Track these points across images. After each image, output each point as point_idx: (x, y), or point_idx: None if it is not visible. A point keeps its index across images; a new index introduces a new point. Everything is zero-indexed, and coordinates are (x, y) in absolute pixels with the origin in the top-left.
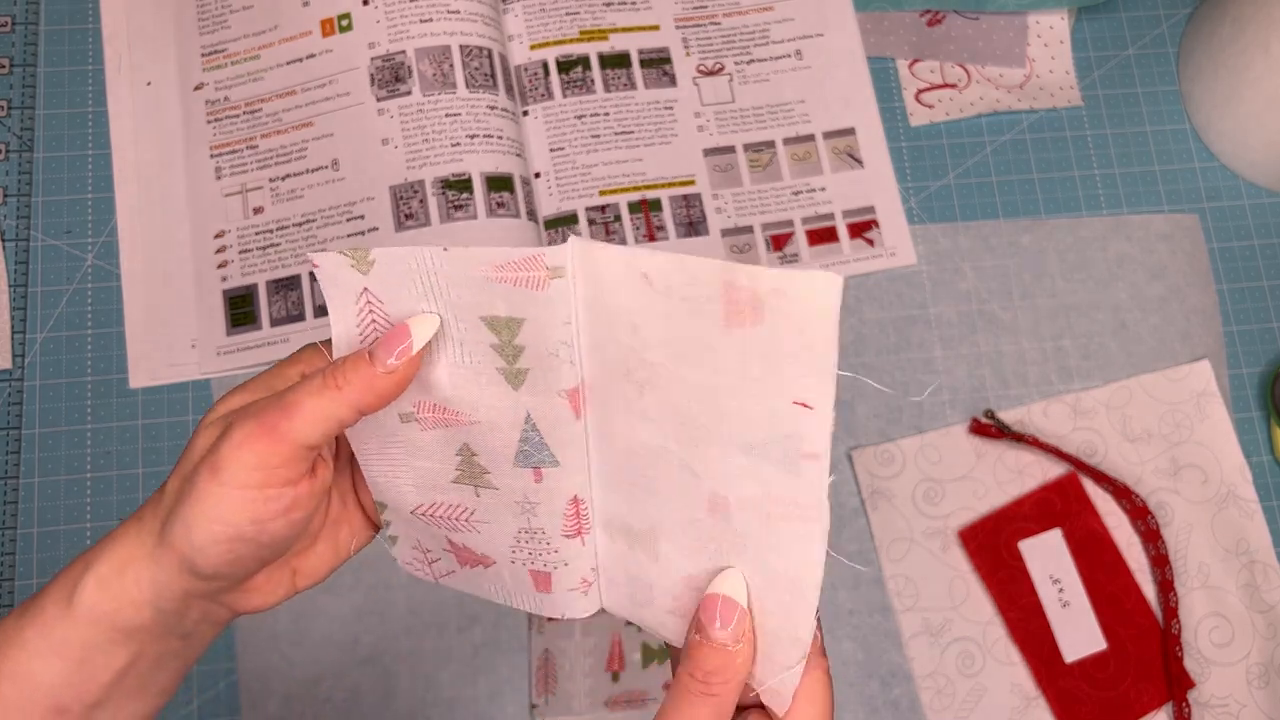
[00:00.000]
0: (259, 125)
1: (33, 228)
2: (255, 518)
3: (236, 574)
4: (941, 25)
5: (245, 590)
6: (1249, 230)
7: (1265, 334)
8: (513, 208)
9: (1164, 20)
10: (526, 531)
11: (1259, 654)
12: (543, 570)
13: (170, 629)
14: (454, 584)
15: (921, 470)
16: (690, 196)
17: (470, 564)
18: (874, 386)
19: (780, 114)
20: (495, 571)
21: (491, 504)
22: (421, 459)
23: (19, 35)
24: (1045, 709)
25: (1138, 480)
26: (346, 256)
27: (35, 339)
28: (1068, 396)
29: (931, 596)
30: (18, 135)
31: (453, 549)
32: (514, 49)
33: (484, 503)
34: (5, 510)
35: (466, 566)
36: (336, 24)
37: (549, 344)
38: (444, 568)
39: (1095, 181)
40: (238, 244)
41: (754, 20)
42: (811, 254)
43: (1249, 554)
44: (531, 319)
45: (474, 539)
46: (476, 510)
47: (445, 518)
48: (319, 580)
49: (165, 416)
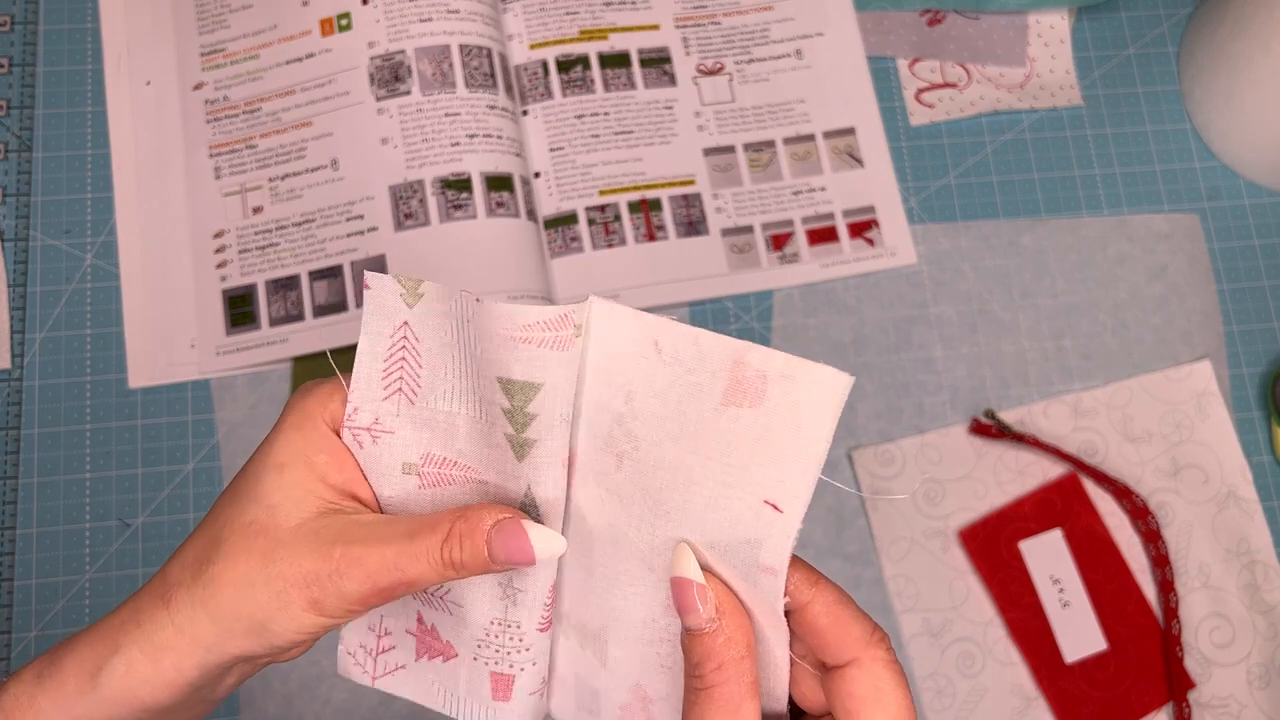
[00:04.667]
0: (258, 125)
1: (32, 227)
2: (339, 622)
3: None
4: (942, 25)
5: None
6: (1250, 230)
7: (1266, 334)
8: (512, 207)
9: (1164, 20)
10: (500, 624)
11: (1260, 654)
12: (506, 673)
13: (204, 697)
14: (392, 686)
15: (922, 470)
16: (690, 196)
17: (430, 655)
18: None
19: (780, 113)
20: (452, 669)
21: (468, 584)
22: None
23: (18, 35)
24: (1046, 709)
25: (1138, 480)
26: (399, 285)
27: (34, 339)
28: (1068, 396)
29: (932, 597)
30: (17, 135)
31: (418, 632)
32: (513, 48)
33: (461, 582)
34: (4, 510)
35: (423, 659)
36: (336, 23)
37: (562, 410)
38: (394, 660)
39: (1096, 181)
40: (237, 244)
41: (754, 20)
42: (811, 254)
43: (1250, 554)
44: (549, 384)
45: (445, 621)
46: (451, 590)
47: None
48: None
49: (164, 416)
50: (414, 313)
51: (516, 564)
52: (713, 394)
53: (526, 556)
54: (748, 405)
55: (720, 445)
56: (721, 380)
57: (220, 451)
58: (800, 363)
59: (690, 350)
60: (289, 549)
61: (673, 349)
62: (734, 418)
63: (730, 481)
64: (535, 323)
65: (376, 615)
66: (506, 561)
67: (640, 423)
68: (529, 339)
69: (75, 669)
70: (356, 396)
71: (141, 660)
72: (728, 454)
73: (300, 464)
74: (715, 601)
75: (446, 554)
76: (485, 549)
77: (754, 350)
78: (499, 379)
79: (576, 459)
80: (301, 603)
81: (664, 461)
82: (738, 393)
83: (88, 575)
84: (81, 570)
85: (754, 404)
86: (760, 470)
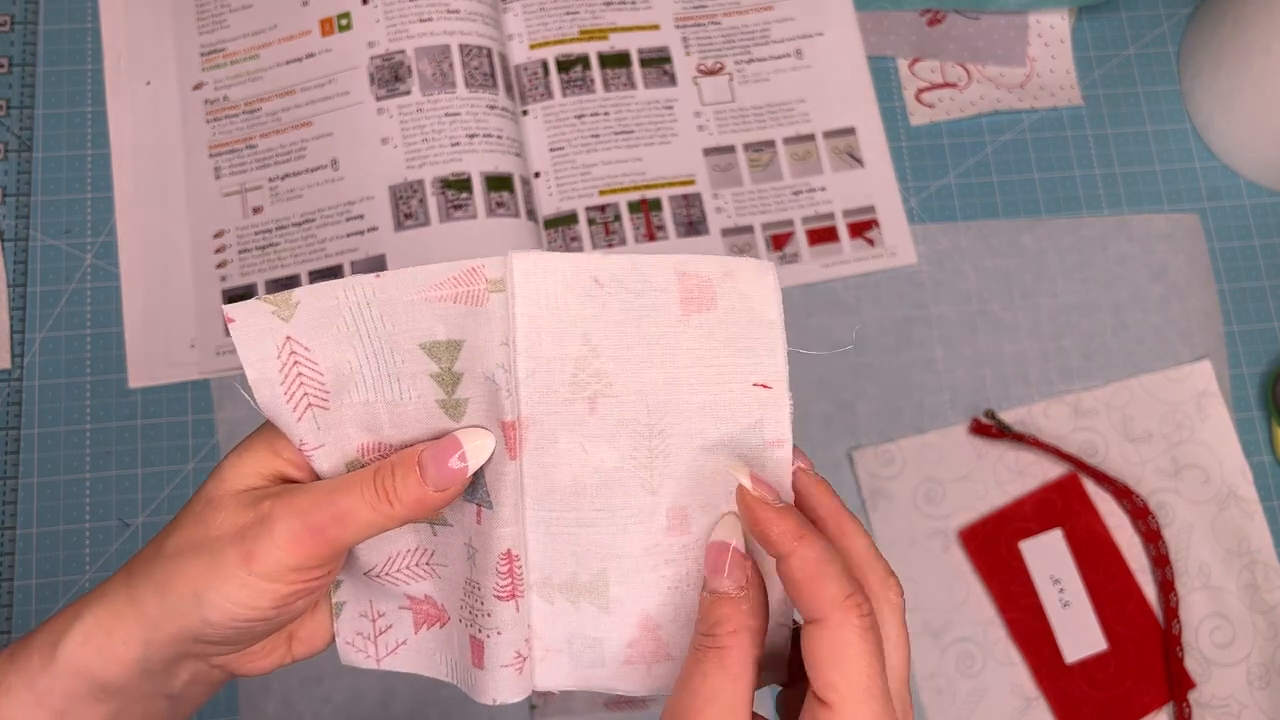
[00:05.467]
0: (258, 125)
1: (32, 227)
2: (279, 604)
3: (242, 642)
4: (942, 25)
5: (244, 655)
6: (1250, 230)
7: (1266, 334)
8: (512, 207)
9: (1165, 20)
10: (470, 583)
11: (1260, 654)
12: (477, 637)
13: (157, 688)
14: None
15: (922, 470)
16: (690, 196)
17: (429, 622)
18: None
19: (780, 113)
20: (447, 635)
21: (448, 541)
22: None
23: (18, 35)
24: (1046, 709)
25: (1138, 480)
26: (267, 303)
27: (34, 339)
28: (1068, 396)
29: (932, 597)
30: (17, 135)
31: (411, 605)
32: (513, 48)
33: (441, 541)
34: (4, 510)
35: (424, 627)
36: (336, 23)
37: (486, 367)
38: (395, 638)
39: (1096, 181)
40: (237, 244)
41: (754, 19)
42: (811, 254)
43: (1250, 554)
44: (470, 340)
45: (435, 587)
46: (435, 551)
47: (405, 569)
48: (318, 650)
49: (164, 416)
50: (294, 325)
51: (452, 479)
52: (670, 310)
53: (461, 463)
54: (705, 310)
55: (695, 352)
56: (674, 295)
57: (220, 451)
58: (730, 260)
59: (633, 276)
60: (228, 510)
61: (615, 280)
62: (698, 324)
63: (717, 381)
64: (446, 279)
65: (366, 600)
66: (440, 478)
67: (606, 359)
68: (443, 297)
69: (42, 642)
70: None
71: (96, 631)
72: (705, 358)
73: (263, 446)
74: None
75: (380, 483)
76: (417, 471)
77: (689, 259)
78: (422, 345)
79: (526, 426)
80: (234, 559)
81: (645, 386)
82: (693, 301)
83: (88, 575)
84: (81, 570)
85: (710, 307)
86: (738, 360)
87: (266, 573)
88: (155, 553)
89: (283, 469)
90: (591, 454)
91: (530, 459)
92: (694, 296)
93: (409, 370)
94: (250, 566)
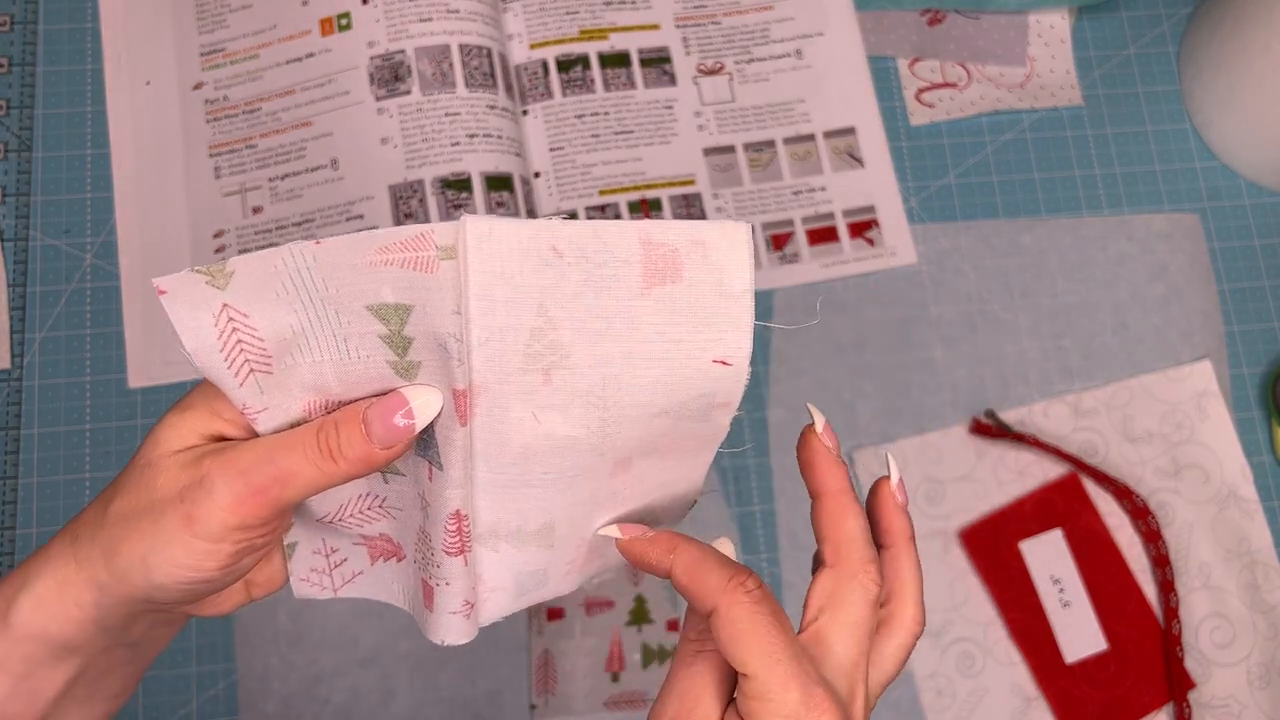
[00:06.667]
0: (258, 124)
1: (31, 227)
2: (226, 564)
3: (197, 598)
4: (942, 24)
5: (198, 604)
6: (1250, 230)
7: (1266, 334)
8: (512, 207)
9: (1165, 19)
10: (422, 533)
11: (1260, 654)
12: (429, 582)
13: (116, 641)
14: (356, 591)
15: (922, 470)
16: (690, 196)
17: (385, 556)
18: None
19: (780, 113)
20: (404, 569)
21: (401, 490)
22: None
23: (18, 34)
24: (1046, 710)
25: (1138, 480)
26: (200, 274)
27: (34, 339)
28: (1068, 396)
29: (932, 597)
30: (16, 135)
31: (365, 543)
32: (513, 48)
33: (393, 489)
34: (4, 510)
35: (379, 561)
36: (336, 23)
37: (439, 335)
38: (349, 570)
39: (1096, 181)
40: (237, 244)
41: (754, 19)
42: (811, 254)
43: (1250, 554)
44: (420, 306)
45: (391, 526)
46: (388, 497)
47: (357, 514)
48: (276, 589)
49: None
50: (230, 293)
51: (397, 436)
52: (631, 283)
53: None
54: (669, 282)
55: (655, 327)
56: (636, 267)
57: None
58: (701, 225)
59: (594, 245)
60: (169, 472)
61: (575, 248)
62: (660, 298)
63: (675, 355)
64: (393, 244)
65: (319, 539)
66: (385, 435)
67: (563, 331)
68: (390, 260)
69: None
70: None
71: (47, 596)
72: (664, 332)
73: (203, 405)
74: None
75: (323, 440)
76: (362, 428)
77: (655, 226)
78: (368, 307)
79: (478, 393)
80: (176, 520)
81: (600, 359)
82: (656, 273)
83: None
84: None
85: (674, 279)
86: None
87: (209, 534)
88: (99, 516)
89: (222, 429)
90: (544, 423)
91: (481, 425)
92: (658, 268)
93: (356, 330)
94: (192, 529)
